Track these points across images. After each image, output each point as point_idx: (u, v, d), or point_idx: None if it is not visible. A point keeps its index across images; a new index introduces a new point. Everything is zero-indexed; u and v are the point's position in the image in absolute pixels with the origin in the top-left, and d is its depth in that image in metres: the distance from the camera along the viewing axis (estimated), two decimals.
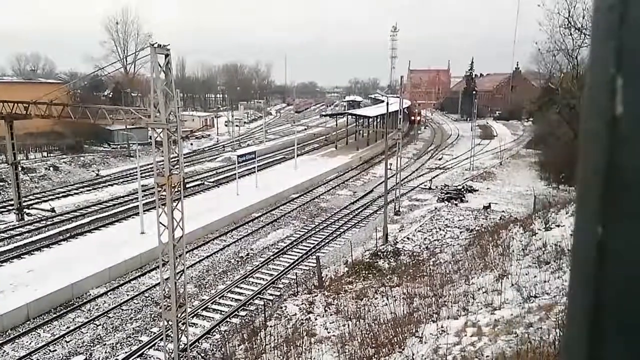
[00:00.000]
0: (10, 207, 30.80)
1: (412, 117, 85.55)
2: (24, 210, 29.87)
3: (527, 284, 12.80)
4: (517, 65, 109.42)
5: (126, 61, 68.09)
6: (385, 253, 22.52)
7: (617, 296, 0.48)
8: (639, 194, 0.45)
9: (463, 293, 14.02)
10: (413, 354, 10.31)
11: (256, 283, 21.44)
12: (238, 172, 34.99)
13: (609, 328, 0.48)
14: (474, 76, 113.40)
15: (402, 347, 10.93)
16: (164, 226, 13.75)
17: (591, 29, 0.52)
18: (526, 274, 13.70)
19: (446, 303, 13.50)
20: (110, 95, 70.96)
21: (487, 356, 8.88)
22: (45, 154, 48.31)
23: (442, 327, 11.14)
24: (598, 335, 0.49)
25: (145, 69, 63.32)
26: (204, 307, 19.15)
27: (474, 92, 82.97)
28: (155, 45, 13.34)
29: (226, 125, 74.51)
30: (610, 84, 0.46)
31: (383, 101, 67.67)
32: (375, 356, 11.13)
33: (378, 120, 63.92)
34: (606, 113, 0.47)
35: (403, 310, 13.89)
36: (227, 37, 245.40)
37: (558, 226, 17.27)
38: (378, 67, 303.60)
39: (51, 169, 42.62)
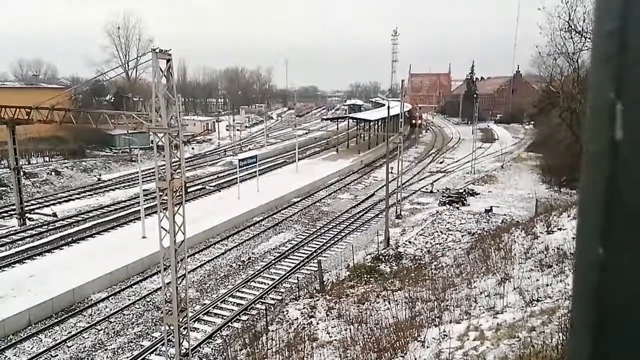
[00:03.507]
0: (12, 212, 30.84)
1: (413, 121, 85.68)
2: (26, 215, 29.91)
3: (530, 288, 12.76)
4: (518, 68, 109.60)
5: (128, 66, 68.50)
6: (387, 257, 22.48)
7: (619, 315, 0.49)
8: (638, 215, 0.46)
9: (465, 297, 13.97)
10: (415, 359, 10.27)
11: (258, 287, 21.40)
12: (239, 176, 35.02)
13: (612, 347, 0.49)
14: (474, 79, 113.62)
15: (405, 352, 10.89)
16: (166, 230, 13.75)
17: (591, 53, 0.52)
18: (528, 278, 13.66)
19: (448, 307, 13.46)
20: (112, 100, 71.23)
21: None
22: (47, 158, 48.48)
23: (444, 331, 11.10)
24: (601, 354, 0.50)
25: (146, 73, 63.65)
26: (206, 311, 19.12)
27: (475, 95, 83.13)
28: (157, 50, 13.39)
29: (227, 130, 74.70)
30: (610, 109, 0.47)
31: (384, 105, 67.75)
32: None
33: (379, 123, 64.01)
34: (606, 137, 0.48)
35: (405, 315, 13.84)
36: (228, 43, 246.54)
37: (560, 229, 17.23)
38: (379, 71, 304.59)
39: (53, 173, 42.71)
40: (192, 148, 62.88)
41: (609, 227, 0.48)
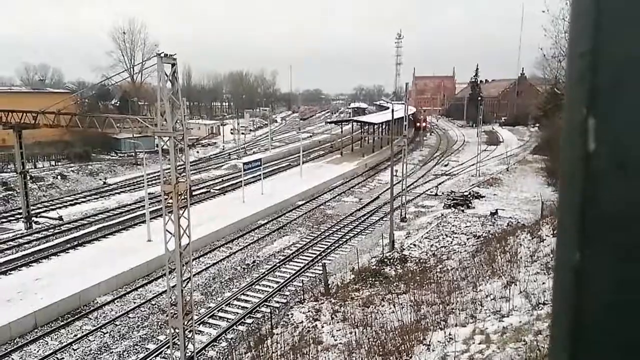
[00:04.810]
0: (18, 216, 31.06)
1: (418, 124, 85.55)
2: (32, 218, 30.11)
3: (536, 291, 12.68)
4: (523, 71, 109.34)
5: (133, 70, 68.95)
6: (391, 260, 22.42)
7: (594, 318, 0.52)
8: (611, 222, 0.50)
9: (471, 300, 13.91)
10: None
11: (262, 290, 21.40)
12: (244, 180, 35.10)
13: (589, 348, 0.53)
14: (479, 82, 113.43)
15: (410, 355, 10.85)
16: (171, 234, 13.80)
17: (566, 73, 0.57)
18: (534, 281, 13.57)
19: (454, 310, 13.40)
20: (118, 104, 71.71)
21: None
22: (53, 162, 48.78)
23: (449, 334, 11.04)
24: (579, 355, 0.53)
25: (152, 78, 63.98)
26: (211, 314, 19.14)
27: (480, 98, 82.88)
28: (162, 55, 13.48)
29: (232, 133, 74.88)
30: (583, 123, 0.51)
31: (388, 108, 67.72)
32: None
33: (383, 126, 64.00)
34: (580, 149, 0.52)
35: (410, 318, 13.79)
36: (232, 47, 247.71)
37: None
38: (383, 74, 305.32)
39: (59, 177, 42.98)
40: (197, 152, 63.08)
41: (585, 232, 0.52)
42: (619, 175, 0.50)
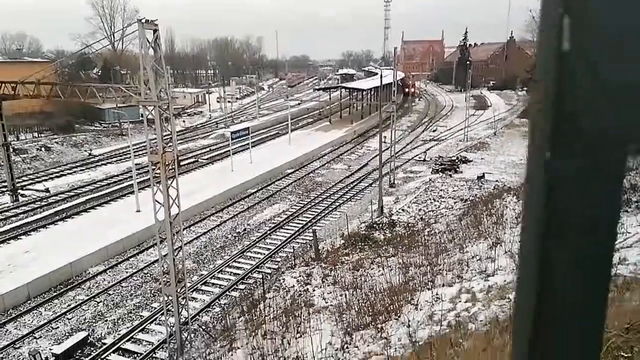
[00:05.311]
0: (3, 189, 30.66)
1: (406, 89, 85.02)
2: (18, 191, 29.75)
3: None
4: (512, 34, 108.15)
5: (114, 38, 66.82)
6: (380, 225, 22.77)
7: (555, 291, 0.57)
8: (582, 120, 0.52)
9: (457, 261, 14.28)
10: (409, 321, 10.58)
11: (254, 257, 21.69)
12: (232, 149, 34.87)
13: (548, 319, 0.57)
14: (468, 46, 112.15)
15: (398, 315, 11.20)
16: (160, 204, 13.79)
17: None
18: (519, 241, 13.92)
19: (441, 271, 13.77)
20: (99, 74, 69.78)
21: (481, 320, 9.13)
22: (36, 134, 47.80)
23: (437, 294, 11.39)
24: (540, 324, 0.58)
25: (133, 45, 62.17)
26: (204, 281, 19.42)
27: (468, 62, 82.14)
28: (143, 21, 13.05)
29: (218, 102, 73.66)
30: (558, 24, 0.52)
31: (377, 74, 66.97)
32: (372, 324, 11.42)
33: (372, 93, 63.48)
34: (555, 49, 0.53)
35: (399, 280, 14.16)
36: (215, 11, 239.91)
37: None
38: (371, 39, 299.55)
39: (43, 149, 42.24)
40: (183, 121, 62.16)
41: (556, 133, 0.54)
42: (592, 75, 0.51)
